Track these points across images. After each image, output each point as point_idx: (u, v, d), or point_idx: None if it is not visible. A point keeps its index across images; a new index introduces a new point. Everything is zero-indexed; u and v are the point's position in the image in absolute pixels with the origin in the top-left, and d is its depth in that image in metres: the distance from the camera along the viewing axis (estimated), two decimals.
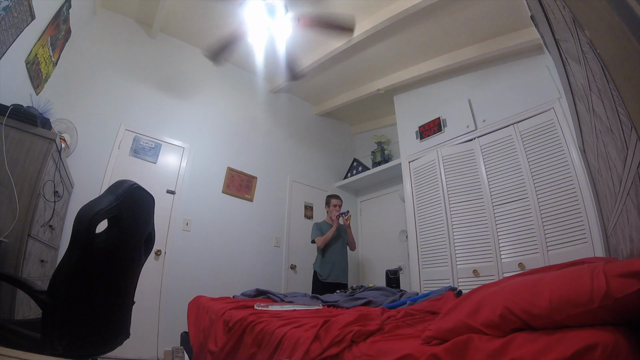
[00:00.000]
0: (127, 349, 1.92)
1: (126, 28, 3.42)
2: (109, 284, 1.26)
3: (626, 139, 0.83)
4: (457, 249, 2.97)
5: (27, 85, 2.19)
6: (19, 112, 1.70)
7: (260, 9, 2.42)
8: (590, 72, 0.97)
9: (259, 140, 4.15)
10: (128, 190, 1.24)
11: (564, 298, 0.74)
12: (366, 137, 5.10)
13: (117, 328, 1.35)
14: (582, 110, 1.46)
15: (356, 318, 1.28)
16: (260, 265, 3.67)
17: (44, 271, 1.95)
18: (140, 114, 3.27)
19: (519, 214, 2.65)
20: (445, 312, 1.00)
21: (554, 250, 2.39)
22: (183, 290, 2.92)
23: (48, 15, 2.17)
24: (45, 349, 1.01)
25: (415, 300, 1.99)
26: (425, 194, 3.39)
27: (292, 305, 2.04)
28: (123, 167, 2.99)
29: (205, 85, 3.87)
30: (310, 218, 4.30)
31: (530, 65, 2.94)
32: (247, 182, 3.86)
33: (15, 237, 1.54)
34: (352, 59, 3.74)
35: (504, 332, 0.81)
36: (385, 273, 3.57)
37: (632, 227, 1.05)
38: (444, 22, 3.10)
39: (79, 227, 1.08)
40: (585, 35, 0.86)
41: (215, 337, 1.71)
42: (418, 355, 0.89)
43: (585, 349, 0.65)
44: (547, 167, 2.57)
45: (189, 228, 3.28)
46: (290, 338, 1.28)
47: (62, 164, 2.04)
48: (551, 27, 1.37)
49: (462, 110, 3.31)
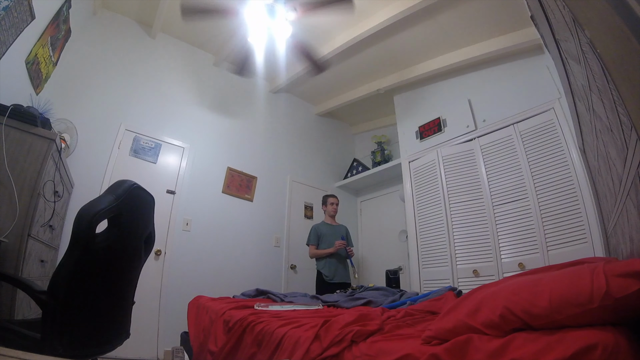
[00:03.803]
0: (127, 349, 1.92)
1: (126, 28, 3.42)
2: (109, 284, 1.26)
3: (626, 139, 0.83)
4: (457, 249, 2.97)
5: (27, 85, 2.19)
6: (19, 112, 1.70)
7: (260, 9, 2.43)
8: (590, 72, 0.97)
9: (259, 140, 4.15)
10: (128, 190, 1.24)
11: (564, 298, 0.73)
12: (366, 137, 5.10)
13: (117, 328, 1.36)
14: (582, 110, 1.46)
15: (356, 318, 1.28)
16: (260, 265, 3.67)
17: (44, 271, 1.95)
18: (140, 114, 3.27)
19: (519, 214, 2.65)
20: (445, 312, 1.00)
21: (554, 250, 2.39)
22: (183, 290, 2.92)
23: (48, 15, 2.17)
24: (45, 349, 1.01)
25: (415, 300, 1.99)
26: (425, 194, 3.39)
27: (292, 305, 2.04)
28: (123, 167, 2.99)
29: (205, 85, 3.87)
30: (310, 218, 4.30)
31: (530, 65, 2.94)
32: (247, 182, 3.86)
33: (15, 237, 1.54)
34: (352, 59, 3.74)
35: (504, 332, 0.81)
36: (385, 273, 3.57)
37: (632, 227, 1.05)
38: (444, 22, 3.10)
39: (79, 227, 1.08)
40: (585, 35, 0.86)
41: (215, 337, 1.71)
42: (418, 355, 0.89)
43: (585, 349, 0.65)
44: (547, 167, 2.57)
45: (189, 228, 3.28)
46: (290, 338, 1.28)
47: (62, 164, 2.04)
48: (551, 27, 1.37)
49: (462, 110, 3.31)
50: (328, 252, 3.40)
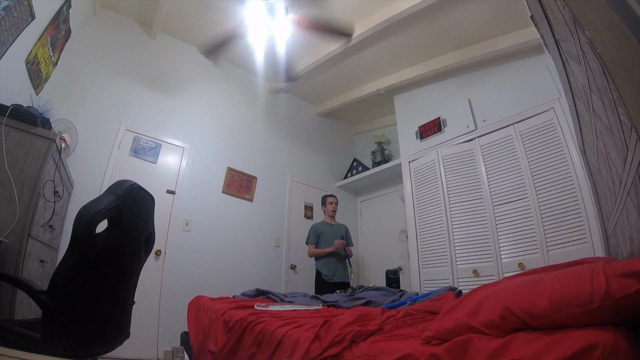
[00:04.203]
0: (127, 349, 1.92)
1: (126, 28, 3.42)
2: (109, 284, 1.26)
3: (626, 139, 0.83)
4: (457, 249, 2.97)
5: (27, 85, 2.19)
6: (19, 112, 1.70)
7: (260, 9, 2.43)
8: (590, 72, 0.97)
9: (259, 140, 4.15)
10: (128, 190, 1.24)
11: (564, 298, 0.73)
12: (366, 137, 5.10)
13: (117, 328, 1.35)
14: (582, 110, 1.46)
15: (356, 318, 1.28)
16: (260, 265, 3.67)
17: (44, 271, 1.95)
18: (140, 114, 3.27)
19: (519, 214, 2.65)
20: (445, 312, 1.00)
21: (554, 250, 2.39)
22: (183, 290, 2.92)
23: (48, 15, 2.17)
24: (45, 349, 1.01)
25: (415, 300, 1.99)
26: (425, 194, 3.39)
27: (292, 305, 2.04)
28: (123, 167, 2.99)
29: (206, 85, 3.87)
30: (310, 218, 4.30)
31: (530, 65, 2.94)
32: (247, 182, 3.86)
33: (15, 237, 1.54)
34: (352, 59, 3.75)
35: (504, 332, 0.81)
36: (385, 273, 3.58)
37: (632, 227, 1.05)
38: (444, 22, 3.10)
39: (78, 227, 1.08)
40: (585, 35, 0.86)
41: (215, 337, 1.71)
42: (418, 355, 0.89)
43: (585, 349, 0.65)
44: (547, 167, 2.57)
45: (189, 228, 3.28)
46: (290, 338, 1.28)
47: (62, 164, 2.04)
48: (551, 27, 1.37)
49: (462, 110, 3.31)
50: (327, 252, 3.40)
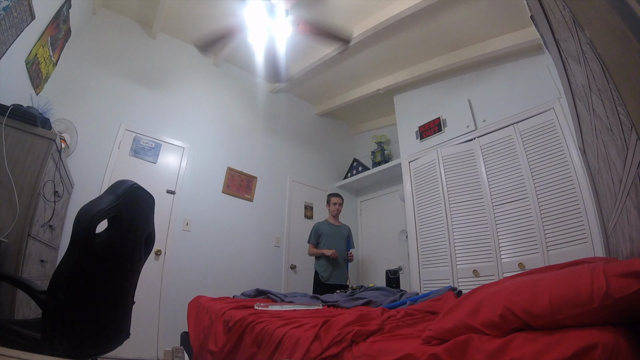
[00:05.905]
0: (127, 349, 1.92)
1: (126, 28, 3.42)
2: (109, 284, 1.26)
3: (626, 139, 0.84)
4: (457, 249, 2.97)
5: (27, 85, 2.19)
6: (19, 112, 1.70)
7: (260, 9, 2.43)
8: (590, 72, 0.97)
9: (259, 140, 4.15)
10: (128, 190, 1.24)
11: (564, 298, 0.74)
12: (366, 137, 5.10)
13: (117, 328, 1.35)
14: (582, 110, 1.46)
15: (356, 318, 1.28)
16: (260, 265, 3.67)
17: (44, 271, 1.95)
18: (140, 114, 3.27)
19: (519, 214, 2.65)
20: (445, 312, 1.00)
21: (554, 250, 2.39)
22: (183, 290, 2.92)
23: (48, 15, 2.17)
24: (45, 349, 1.01)
25: (415, 300, 1.99)
26: (425, 194, 3.39)
27: (292, 305, 2.04)
28: (123, 167, 2.99)
29: (206, 85, 3.87)
30: (310, 218, 4.30)
31: (530, 65, 2.94)
32: (247, 182, 3.86)
33: (15, 237, 1.54)
34: (352, 59, 3.74)
35: (504, 332, 0.81)
36: (385, 273, 3.58)
37: (632, 227, 1.05)
38: (444, 22, 3.10)
39: (79, 227, 1.08)
40: (585, 35, 0.86)
41: (215, 337, 1.71)
42: (418, 355, 0.89)
43: (585, 349, 0.65)
44: (547, 167, 2.57)
45: (189, 228, 3.28)
46: (290, 338, 1.28)
47: (62, 164, 2.04)
48: (551, 27, 1.37)
49: (462, 110, 3.31)
50: (322, 254, 3.41)
